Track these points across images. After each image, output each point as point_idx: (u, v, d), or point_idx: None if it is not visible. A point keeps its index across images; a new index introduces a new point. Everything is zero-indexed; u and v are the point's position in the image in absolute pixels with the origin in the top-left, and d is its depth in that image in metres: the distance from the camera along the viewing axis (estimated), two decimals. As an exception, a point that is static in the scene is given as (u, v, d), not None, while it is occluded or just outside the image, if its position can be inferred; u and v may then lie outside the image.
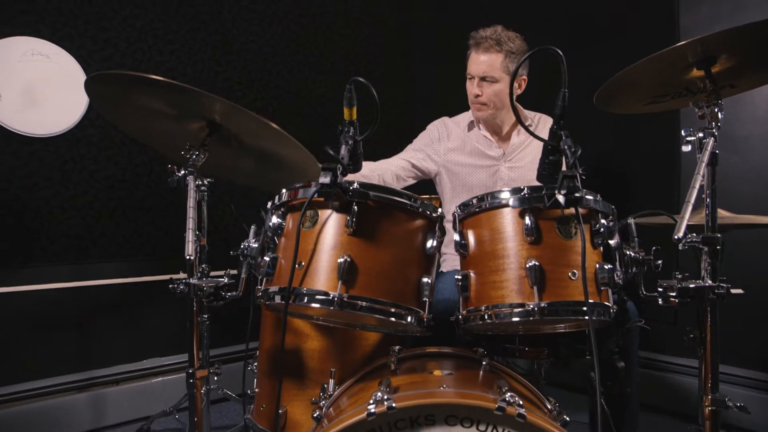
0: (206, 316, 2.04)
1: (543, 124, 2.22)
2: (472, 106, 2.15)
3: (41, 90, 2.44)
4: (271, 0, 3.21)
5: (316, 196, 1.19)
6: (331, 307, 1.16)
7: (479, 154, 2.19)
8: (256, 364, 1.85)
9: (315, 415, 1.38)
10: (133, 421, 2.56)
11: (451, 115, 2.37)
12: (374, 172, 2.14)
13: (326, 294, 1.17)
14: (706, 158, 1.16)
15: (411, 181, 2.28)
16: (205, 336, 1.94)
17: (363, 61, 3.72)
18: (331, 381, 1.55)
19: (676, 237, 1.04)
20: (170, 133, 1.62)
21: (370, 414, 1.03)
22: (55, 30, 2.47)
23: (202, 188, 1.78)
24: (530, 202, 1.17)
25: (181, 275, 1.44)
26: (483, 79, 2.03)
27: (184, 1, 2.86)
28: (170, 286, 1.44)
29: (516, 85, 2.07)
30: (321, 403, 1.44)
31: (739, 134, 2.48)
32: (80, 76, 2.53)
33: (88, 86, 1.46)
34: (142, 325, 2.72)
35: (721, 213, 1.52)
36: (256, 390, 1.78)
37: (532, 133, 1.25)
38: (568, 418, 1.34)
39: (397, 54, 3.94)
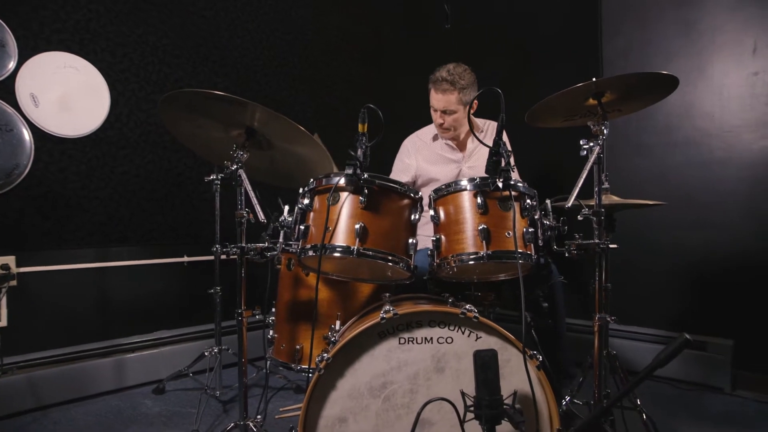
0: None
1: (492, 129, 2.97)
2: (438, 129, 2.88)
3: (71, 97, 3.02)
4: (262, 20, 3.86)
5: (342, 182, 1.87)
6: (351, 256, 1.83)
7: (444, 159, 2.92)
8: (272, 318, 2.48)
9: (332, 339, 2.06)
10: (149, 383, 3.14)
11: (416, 124, 3.09)
12: None
13: (348, 247, 1.85)
14: (592, 159, 1.90)
15: None
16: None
17: (339, 75, 4.42)
18: (338, 322, 2.23)
19: (566, 206, 1.77)
20: (213, 138, 2.25)
21: (383, 318, 1.72)
22: (82, 45, 3.05)
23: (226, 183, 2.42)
24: (480, 187, 1.88)
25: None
26: (444, 111, 2.75)
27: (187, 21, 3.48)
28: (224, 249, 2.09)
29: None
30: (332, 336, 2.11)
31: (647, 142, 3.32)
32: (103, 85, 3.13)
33: (162, 104, 2.07)
34: (153, 302, 3.31)
35: (614, 198, 2.28)
36: (275, 335, 2.42)
37: (482, 142, 1.98)
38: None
39: (372, 67, 4.66)
